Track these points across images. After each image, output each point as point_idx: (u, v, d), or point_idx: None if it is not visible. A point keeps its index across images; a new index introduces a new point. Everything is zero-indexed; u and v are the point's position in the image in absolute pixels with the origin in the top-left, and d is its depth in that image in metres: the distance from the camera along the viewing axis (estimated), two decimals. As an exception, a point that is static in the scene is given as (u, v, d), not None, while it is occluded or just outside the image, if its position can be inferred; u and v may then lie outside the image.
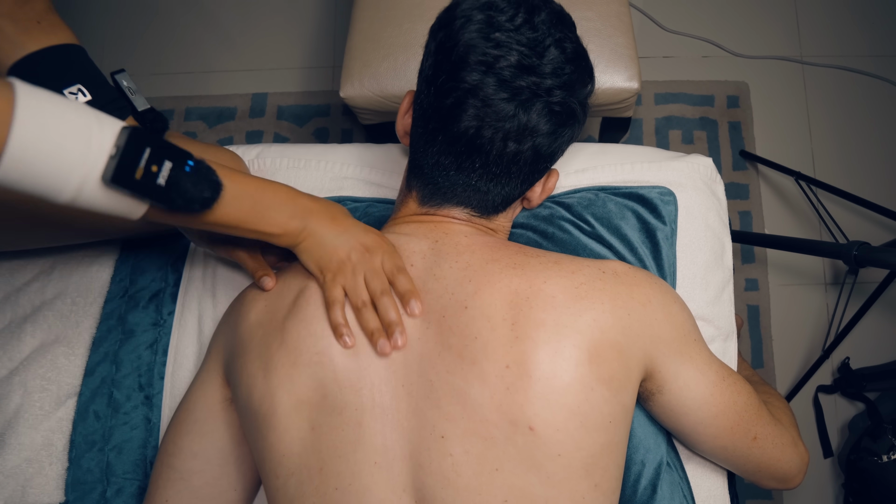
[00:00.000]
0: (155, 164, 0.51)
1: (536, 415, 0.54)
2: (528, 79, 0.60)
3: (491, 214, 0.70)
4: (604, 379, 0.56)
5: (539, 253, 0.63)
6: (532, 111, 0.61)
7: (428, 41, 0.66)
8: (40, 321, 0.89)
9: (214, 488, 0.68)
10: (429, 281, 0.61)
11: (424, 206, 0.68)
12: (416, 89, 0.68)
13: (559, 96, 0.61)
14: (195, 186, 0.54)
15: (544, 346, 0.55)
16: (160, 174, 0.51)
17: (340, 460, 0.57)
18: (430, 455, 0.56)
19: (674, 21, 1.70)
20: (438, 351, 0.58)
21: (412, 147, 0.69)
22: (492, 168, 0.64)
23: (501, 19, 0.60)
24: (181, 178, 0.53)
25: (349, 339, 0.59)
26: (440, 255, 0.63)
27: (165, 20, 1.79)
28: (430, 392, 0.57)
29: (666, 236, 0.83)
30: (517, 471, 0.55)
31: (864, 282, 1.46)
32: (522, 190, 0.70)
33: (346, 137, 1.66)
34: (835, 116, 1.62)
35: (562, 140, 0.65)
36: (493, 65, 0.59)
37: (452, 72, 0.61)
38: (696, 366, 0.64)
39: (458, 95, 0.60)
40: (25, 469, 0.82)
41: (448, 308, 0.59)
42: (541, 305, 0.57)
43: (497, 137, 0.61)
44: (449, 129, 0.62)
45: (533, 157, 0.64)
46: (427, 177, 0.67)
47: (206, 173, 0.56)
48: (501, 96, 0.60)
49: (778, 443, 0.68)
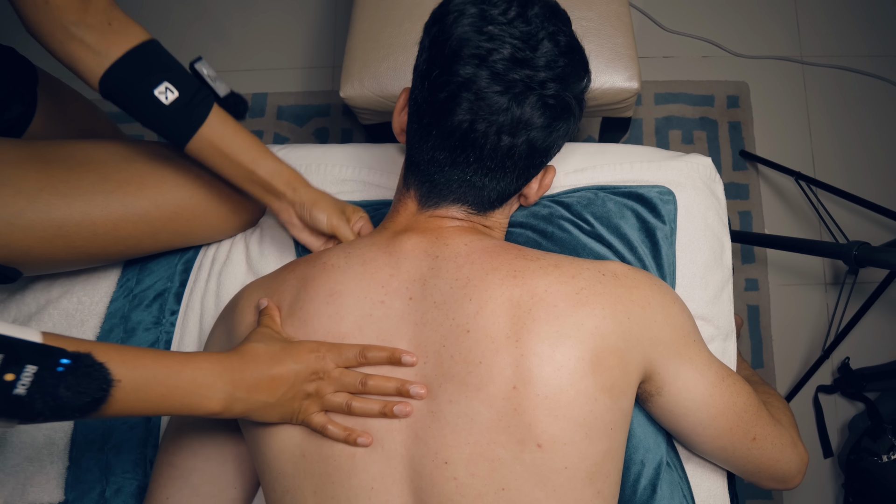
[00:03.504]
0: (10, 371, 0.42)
1: (544, 432, 0.54)
2: (521, 72, 0.60)
3: (487, 211, 0.69)
4: (606, 387, 0.56)
5: (538, 256, 0.62)
6: (525, 104, 0.60)
7: (422, 37, 0.66)
8: (45, 319, 0.89)
9: (215, 486, 0.68)
10: (428, 311, 0.60)
11: (423, 207, 0.68)
12: (412, 85, 0.68)
13: (553, 89, 0.61)
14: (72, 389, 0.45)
15: (549, 361, 0.55)
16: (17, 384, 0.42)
17: (335, 486, 0.57)
18: (431, 480, 0.55)
19: (674, 21, 1.70)
20: (439, 383, 0.57)
21: (408, 144, 0.69)
22: (486, 162, 0.63)
23: (494, 13, 0.60)
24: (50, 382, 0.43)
25: (365, 438, 0.58)
26: (440, 274, 0.61)
27: (165, 20, 1.79)
28: (432, 423, 0.56)
29: (665, 236, 0.83)
30: (524, 488, 0.54)
31: (864, 282, 1.46)
32: (518, 185, 0.69)
33: (346, 137, 1.66)
34: (835, 116, 1.62)
35: (557, 134, 0.65)
36: (486, 58, 0.59)
37: (446, 65, 0.61)
38: (696, 367, 0.64)
39: (452, 89, 0.60)
40: (26, 467, 0.82)
41: (449, 336, 0.58)
42: (543, 316, 0.56)
43: (491, 131, 0.61)
44: (443, 123, 0.62)
45: (528, 151, 0.64)
46: (423, 173, 0.67)
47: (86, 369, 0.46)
48: (495, 89, 0.59)
49: (777, 443, 0.68)
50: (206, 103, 0.73)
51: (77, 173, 0.77)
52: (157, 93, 0.69)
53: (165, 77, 0.70)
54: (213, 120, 0.73)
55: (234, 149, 0.75)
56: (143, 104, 0.70)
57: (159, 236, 0.84)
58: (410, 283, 0.61)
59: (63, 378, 0.44)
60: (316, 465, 0.58)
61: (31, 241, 0.74)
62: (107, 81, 0.68)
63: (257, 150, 0.76)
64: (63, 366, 0.45)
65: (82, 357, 0.46)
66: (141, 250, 0.86)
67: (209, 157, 0.75)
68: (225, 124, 0.74)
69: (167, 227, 0.83)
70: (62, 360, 0.45)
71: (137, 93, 0.69)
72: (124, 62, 0.68)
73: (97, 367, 0.47)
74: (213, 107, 0.73)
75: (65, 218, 0.75)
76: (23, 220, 0.73)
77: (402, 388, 0.58)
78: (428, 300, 0.60)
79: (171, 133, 0.73)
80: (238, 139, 0.75)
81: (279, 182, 0.77)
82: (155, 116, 0.71)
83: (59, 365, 0.44)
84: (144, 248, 0.86)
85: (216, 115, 0.73)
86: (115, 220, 0.79)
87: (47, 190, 0.74)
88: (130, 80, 0.69)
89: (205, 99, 0.73)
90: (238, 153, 0.75)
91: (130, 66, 0.68)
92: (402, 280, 0.62)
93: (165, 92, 0.69)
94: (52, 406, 0.44)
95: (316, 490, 0.57)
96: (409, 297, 0.61)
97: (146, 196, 0.80)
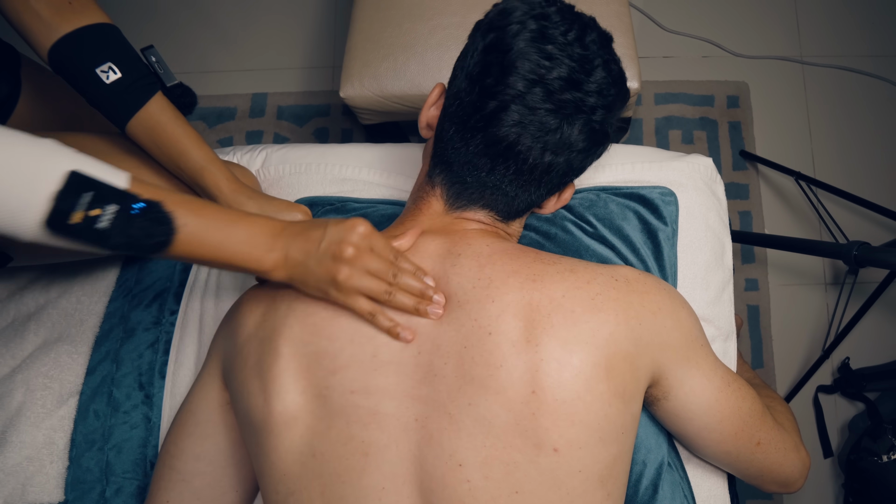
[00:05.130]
0: (98, 207, 0.50)
1: (561, 436, 0.54)
2: (573, 94, 0.61)
3: (511, 220, 0.70)
4: (618, 392, 0.57)
5: (554, 260, 0.62)
6: (574, 127, 0.62)
7: (474, 39, 0.66)
8: (44, 319, 0.89)
9: (216, 489, 0.68)
10: (451, 310, 0.59)
11: (451, 208, 0.68)
12: (453, 84, 0.67)
13: (600, 116, 0.63)
14: (143, 230, 0.53)
15: (567, 366, 0.55)
16: (101, 218, 0.50)
17: (345, 486, 0.57)
18: (444, 482, 0.55)
19: (674, 21, 1.70)
20: (459, 385, 0.57)
21: (439, 141, 0.68)
22: (524, 175, 0.65)
23: (555, 33, 0.61)
24: (126, 222, 0.51)
25: (408, 334, 0.59)
26: (462, 273, 0.61)
27: (165, 20, 1.79)
28: (450, 424, 0.56)
29: (667, 237, 0.83)
30: (538, 491, 0.55)
31: (864, 282, 1.46)
32: (544, 198, 0.71)
33: (346, 137, 1.66)
34: (835, 116, 1.62)
35: (593, 158, 0.67)
36: (543, 76, 0.60)
37: (501, 75, 0.61)
38: (703, 372, 0.64)
39: (505, 100, 0.61)
40: (26, 467, 0.82)
41: (471, 336, 0.58)
42: (561, 321, 0.57)
43: (536, 147, 0.62)
44: (489, 131, 0.62)
45: (565, 170, 0.66)
46: (455, 174, 0.67)
47: (155, 215, 0.54)
48: (546, 107, 0.61)
49: (781, 447, 0.68)
50: (148, 89, 0.73)
51: None
52: (98, 71, 0.70)
53: (110, 58, 0.71)
54: (153, 106, 0.73)
55: (164, 138, 0.75)
56: (85, 81, 0.71)
57: None
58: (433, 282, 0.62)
59: (135, 220, 0.52)
60: (327, 465, 0.57)
61: None
62: (53, 54, 0.70)
63: (190, 142, 0.76)
64: (137, 209, 0.52)
65: (154, 204, 0.54)
66: None
67: (144, 142, 0.75)
68: (162, 112, 0.74)
69: None
70: (135, 206, 0.52)
71: (80, 69, 0.70)
72: (71, 38, 0.70)
73: (165, 214, 0.54)
74: (156, 94, 0.74)
75: None
76: None
77: (426, 291, 0.59)
78: (452, 300, 0.60)
79: (111, 113, 0.73)
80: (170, 128, 0.75)
81: (209, 179, 0.76)
82: (96, 95, 0.72)
83: (132, 209, 0.52)
84: None
85: (156, 103, 0.74)
86: None
87: None
88: (74, 56, 0.70)
89: (149, 85, 0.73)
90: (168, 143, 0.75)
91: (77, 43, 0.70)
92: None
93: (108, 71, 0.70)
94: (125, 242, 0.52)
95: (324, 490, 0.57)
96: None
97: None
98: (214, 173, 0.77)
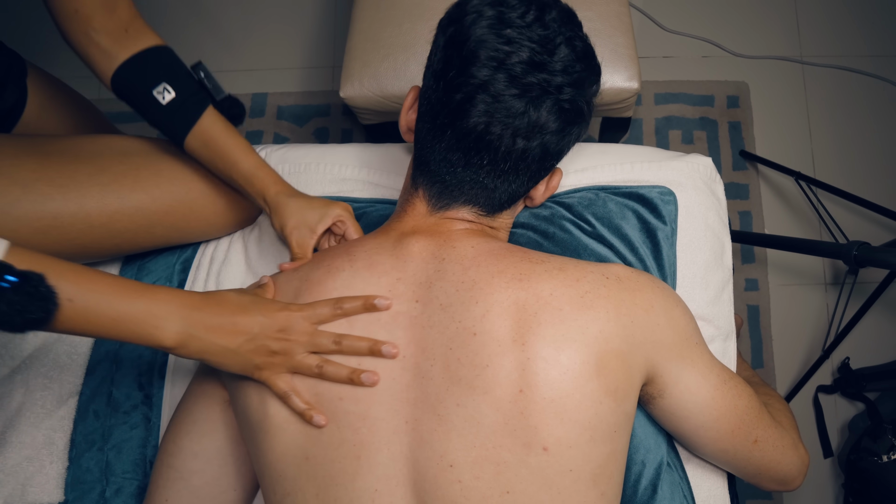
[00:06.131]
0: None
1: (550, 435, 0.54)
2: (538, 76, 0.60)
3: (496, 213, 0.69)
4: (610, 390, 0.57)
5: (543, 259, 0.62)
6: (542, 108, 0.61)
7: (436, 36, 0.66)
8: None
9: (214, 488, 0.68)
10: (434, 313, 0.59)
11: (434, 208, 0.67)
12: (423, 84, 0.68)
13: (569, 94, 0.62)
14: (13, 305, 0.47)
15: (555, 364, 0.55)
16: None
17: (339, 488, 0.57)
18: (436, 483, 0.55)
19: (674, 21, 1.70)
20: (446, 386, 0.57)
21: (417, 143, 0.69)
22: (500, 165, 0.64)
23: (513, 16, 0.60)
24: None
25: (321, 419, 0.58)
26: (445, 277, 0.61)
27: (165, 20, 1.79)
28: (439, 425, 0.56)
29: (666, 236, 0.83)
30: (529, 491, 0.54)
31: (864, 282, 1.46)
32: (528, 187, 0.70)
33: (346, 137, 1.66)
34: (835, 116, 1.62)
35: (569, 138, 0.66)
36: (504, 61, 0.59)
37: (463, 67, 0.60)
38: (698, 370, 0.64)
39: (468, 91, 0.60)
40: (26, 467, 0.82)
41: (455, 338, 0.57)
42: (548, 320, 0.56)
43: (506, 134, 0.61)
44: (458, 125, 0.62)
45: (541, 155, 0.64)
46: (434, 174, 0.66)
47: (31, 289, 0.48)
48: (512, 92, 0.60)
49: (778, 445, 0.68)
50: (200, 105, 0.76)
51: (73, 165, 0.78)
52: (155, 93, 0.74)
53: (164, 78, 0.74)
54: (205, 120, 0.77)
55: (217, 151, 0.78)
56: (145, 103, 0.75)
57: (155, 230, 0.84)
58: (416, 286, 0.61)
59: (5, 294, 0.46)
60: (320, 468, 0.58)
61: (26, 231, 0.75)
62: (116, 81, 0.74)
63: (241, 152, 0.79)
64: (8, 282, 0.46)
65: (31, 277, 0.48)
66: (136, 245, 0.86)
67: (202, 156, 0.79)
68: (214, 125, 0.77)
69: (163, 221, 0.83)
70: (7, 277, 0.46)
71: (139, 92, 0.74)
72: (130, 64, 0.73)
73: (44, 289, 0.49)
74: (207, 108, 0.77)
75: (60, 209, 0.76)
76: (17, 210, 0.74)
77: (374, 347, 0.58)
78: (434, 303, 0.60)
79: (170, 131, 0.77)
80: (222, 141, 0.78)
81: (257, 184, 0.79)
82: (155, 115, 0.75)
83: (3, 281, 0.46)
84: (140, 243, 0.86)
85: (208, 117, 0.77)
86: (111, 212, 0.79)
87: (43, 181, 0.75)
88: (133, 81, 0.74)
89: (200, 101, 0.77)
90: (220, 155, 0.78)
91: (134, 68, 0.74)
92: (408, 283, 0.61)
93: (163, 92, 0.74)
94: None
95: (318, 493, 0.57)
96: (415, 300, 0.61)
97: (142, 189, 0.81)
98: (262, 178, 0.79)
